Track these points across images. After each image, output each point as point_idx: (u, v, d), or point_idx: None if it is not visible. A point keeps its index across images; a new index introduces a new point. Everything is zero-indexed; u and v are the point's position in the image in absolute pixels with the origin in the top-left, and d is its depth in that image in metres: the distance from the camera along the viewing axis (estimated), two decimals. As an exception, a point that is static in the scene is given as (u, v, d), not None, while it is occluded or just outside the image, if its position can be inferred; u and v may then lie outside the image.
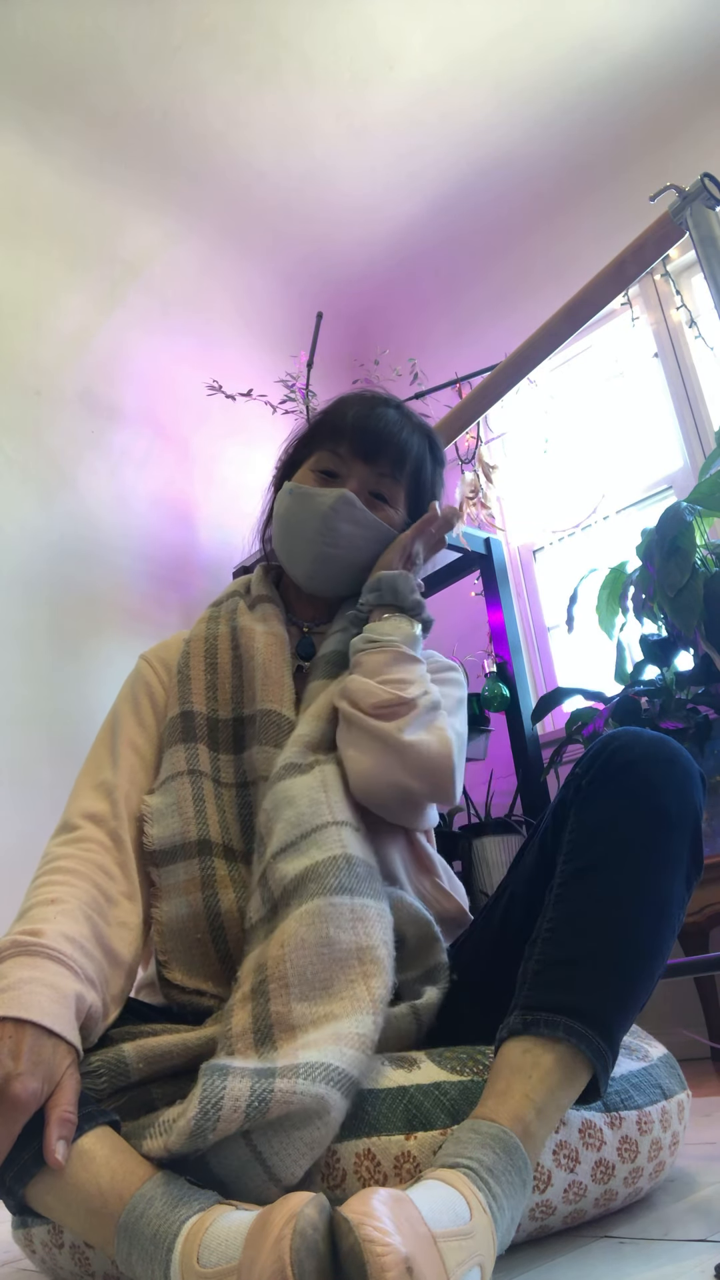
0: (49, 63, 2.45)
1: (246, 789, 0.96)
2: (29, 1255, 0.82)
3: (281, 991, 0.73)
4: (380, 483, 1.06)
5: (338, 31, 2.47)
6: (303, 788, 0.88)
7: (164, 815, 0.93)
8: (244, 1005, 0.74)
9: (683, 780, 0.79)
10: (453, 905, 0.99)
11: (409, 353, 3.07)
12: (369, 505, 1.05)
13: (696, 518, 1.92)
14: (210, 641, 1.06)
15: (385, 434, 1.05)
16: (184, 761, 0.96)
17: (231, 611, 1.09)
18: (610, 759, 0.80)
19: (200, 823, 0.92)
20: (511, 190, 3.00)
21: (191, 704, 1.00)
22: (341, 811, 0.87)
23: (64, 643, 2.29)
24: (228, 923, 0.88)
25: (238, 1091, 0.64)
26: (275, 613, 1.08)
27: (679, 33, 2.54)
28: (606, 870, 0.75)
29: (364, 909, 0.79)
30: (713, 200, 1.27)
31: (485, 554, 2.55)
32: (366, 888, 0.81)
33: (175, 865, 0.91)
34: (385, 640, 0.97)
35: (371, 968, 0.76)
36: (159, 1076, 0.76)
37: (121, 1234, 0.62)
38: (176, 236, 2.96)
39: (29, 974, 0.71)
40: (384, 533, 1.05)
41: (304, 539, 1.05)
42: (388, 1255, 0.49)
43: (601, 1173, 0.75)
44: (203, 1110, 0.63)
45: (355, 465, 1.05)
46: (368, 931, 0.77)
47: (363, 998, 0.73)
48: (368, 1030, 0.71)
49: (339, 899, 0.78)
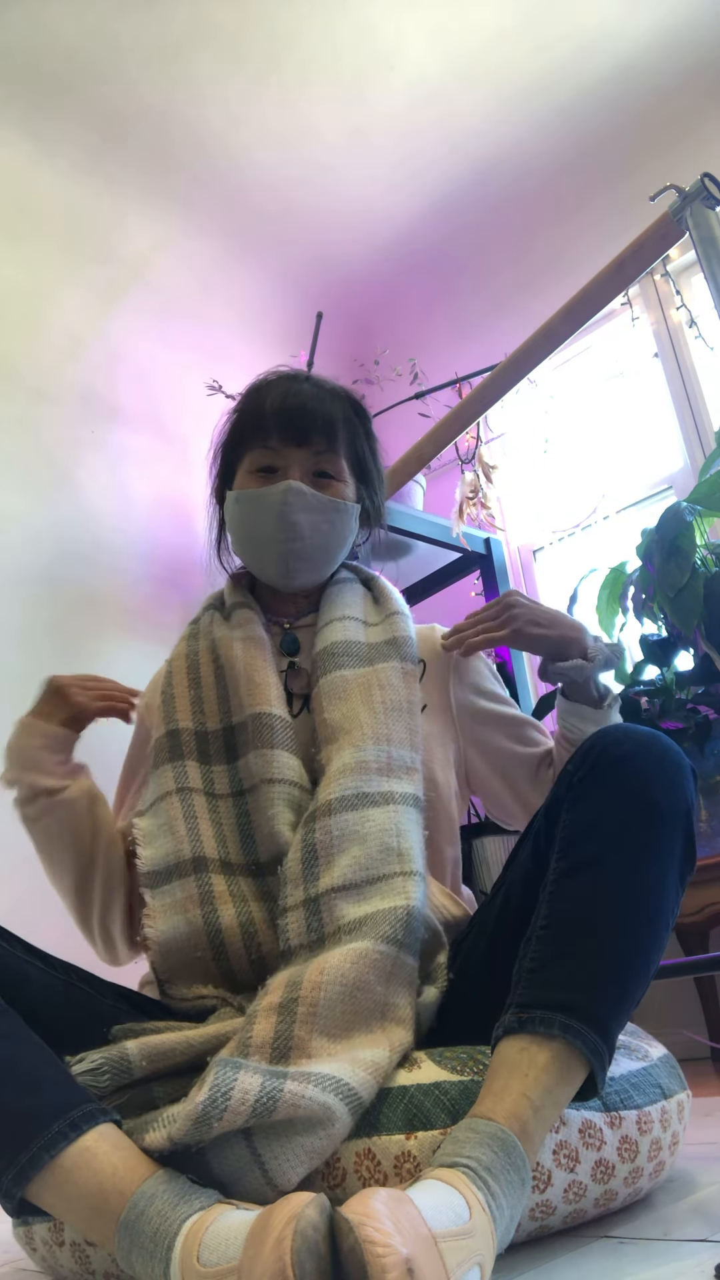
0: (49, 63, 2.45)
1: (243, 797, 0.96)
2: (30, 1253, 0.82)
3: (309, 1018, 0.73)
4: (320, 461, 1.05)
5: (338, 32, 2.47)
6: (375, 827, 0.87)
7: (155, 836, 0.93)
8: (268, 1016, 0.74)
9: (673, 774, 0.79)
10: (459, 911, 0.99)
11: (409, 353, 3.07)
12: (317, 487, 1.04)
13: (696, 518, 1.92)
14: (191, 658, 1.06)
15: (309, 412, 1.04)
16: (172, 780, 0.96)
17: (208, 625, 1.09)
18: (601, 755, 0.80)
19: (194, 840, 0.92)
20: (511, 190, 3.00)
21: (177, 721, 1.00)
22: (410, 861, 0.87)
23: (64, 643, 2.29)
24: (228, 938, 0.87)
25: (248, 1085, 0.64)
26: (252, 616, 1.07)
27: (679, 33, 2.54)
28: (599, 866, 0.75)
29: (402, 967, 0.80)
30: (713, 200, 1.27)
31: (485, 554, 2.55)
32: (414, 941, 0.82)
33: (171, 885, 0.90)
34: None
35: (394, 1025, 0.77)
36: (161, 1074, 0.76)
37: (122, 1231, 0.62)
38: (176, 236, 2.96)
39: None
40: (342, 508, 1.05)
41: (267, 542, 1.04)
42: (388, 1255, 0.49)
43: (601, 1173, 0.75)
44: (211, 1098, 0.63)
45: (290, 453, 1.04)
46: (398, 990, 0.79)
47: (381, 1040, 0.75)
48: (382, 1061, 0.72)
49: (386, 948, 0.79)
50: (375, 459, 1.13)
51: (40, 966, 0.84)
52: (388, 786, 0.91)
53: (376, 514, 1.14)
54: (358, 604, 1.09)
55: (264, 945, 0.86)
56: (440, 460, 2.45)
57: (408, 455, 1.84)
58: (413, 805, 0.91)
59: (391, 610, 1.09)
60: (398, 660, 1.02)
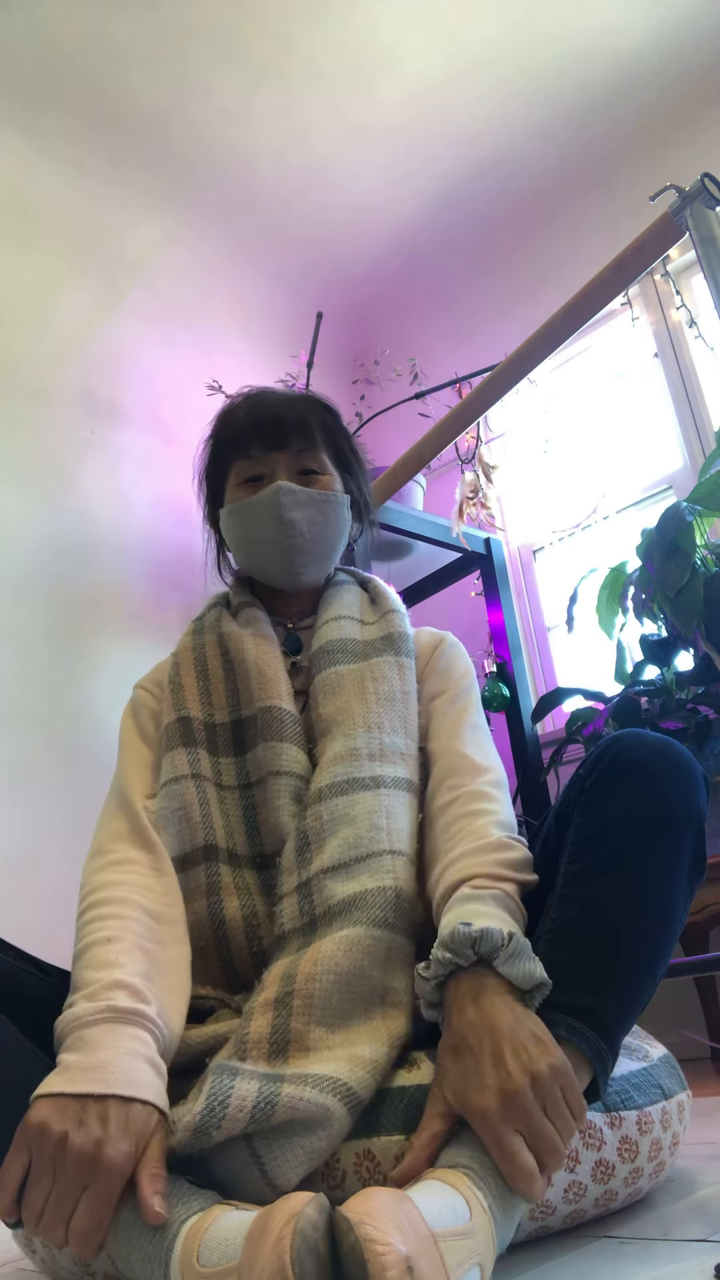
0: (49, 63, 2.45)
1: (250, 790, 0.96)
2: (29, 1255, 0.82)
3: (305, 1010, 0.73)
4: (303, 459, 1.07)
5: (338, 31, 2.47)
6: (364, 809, 0.87)
7: (171, 821, 0.92)
8: (265, 1012, 0.74)
9: (687, 782, 0.79)
10: None
11: (409, 353, 3.07)
12: (305, 484, 1.06)
13: (696, 518, 1.92)
14: (198, 651, 1.06)
15: (283, 416, 1.06)
16: (186, 765, 0.95)
17: (215, 621, 1.09)
18: (615, 760, 0.80)
19: (207, 828, 0.92)
20: (511, 190, 3.00)
21: (187, 709, 1.00)
22: (400, 841, 0.86)
23: (64, 643, 2.29)
24: (231, 930, 0.88)
25: (245, 1092, 0.64)
26: (260, 615, 1.08)
27: (678, 33, 2.54)
28: (610, 871, 0.75)
29: (398, 949, 0.80)
30: (713, 200, 1.27)
31: (485, 554, 2.55)
32: (406, 924, 0.82)
33: (184, 874, 0.90)
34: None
35: (393, 1010, 0.77)
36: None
37: (122, 1233, 0.62)
38: (176, 236, 2.96)
39: (113, 1042, 0.69)
40: (334, 499, 1.07)
41: (268, 544, 1.06)
42: (388, 1255, 0.49)
43: (601, 1173, 0.75)
44: (209, 1108, 0.63)
45: (273, 458, 1.06)
46: (395, 974, 0.79)
47: (380, 1031, 0.74)
48: (380, 1057, 0.72)
49: (379, 933, 0.78)
50: (355, 452, 1.14)
51: (35, 974, 0.84)
52: (379, 771, 0.91)
53: (366, 503, 1.15)
54: (354, 604, 1.10)
55: (265, 939, 0.87)
56: (440, 460, 2.46)
57: (408, 455, 1.84)
58: (405, 789, 0.91)
59: (387, 609, 1.10)
60: (392, 655, 1.03)
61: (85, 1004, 0.72)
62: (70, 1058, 0.68)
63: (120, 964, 0.76)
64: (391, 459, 2.08)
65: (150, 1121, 0.66)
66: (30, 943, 0.90)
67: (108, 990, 0.73)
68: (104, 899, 0.84)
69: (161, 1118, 0.67)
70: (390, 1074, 0.74)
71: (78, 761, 2.15)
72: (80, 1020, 0.71)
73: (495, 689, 2.43)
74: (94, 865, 0.89)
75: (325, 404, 1.13)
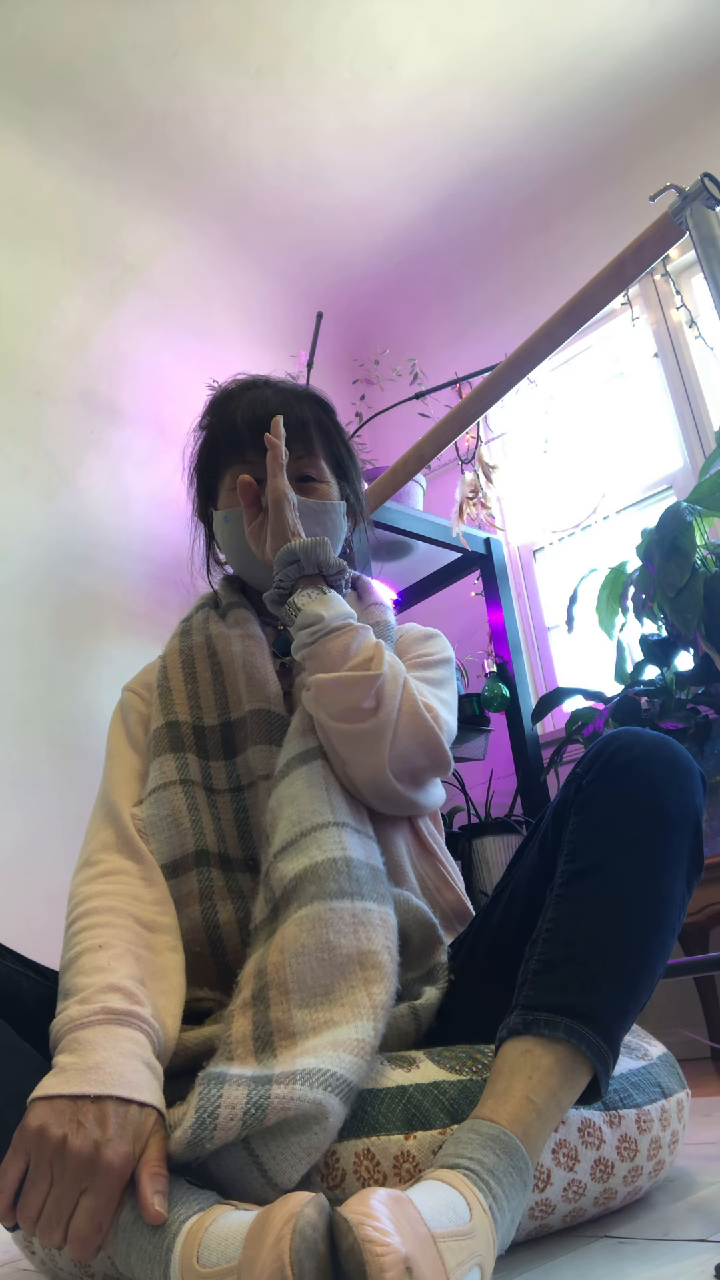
0: (49, 63, 2.45)
1: (242, 793, 0.96)
2: (28, 1255, 0.82)
3: (281, 998, 0.73)
4: (299, 466, 1.06)
5: (338, 31, 2.47)
6: (304, 785, 0.87)
7: (160, 828, 0.92)
8: (244, 1012, 0.74)
9: (684, 780, 0.79)
10: (453, 895, 0.99)
11: (409, 353, 3.07)
12: (302, 492, 1.05)
13: (696, 518, 1.92)
14: (186, 654, 1.05)
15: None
16: (175, 770, 0.95)
17: (204, 623, 1.08)
18: (612, 758, 0.80)
19: (197, 833, 0.92)
20: (512, 190, 3.00)
21: (175, 714, 0.99)
22: (342, 812, 0.86)
23: (64, 643, 2.29)
24: (226, 934, 0.88)
25: (234, 1099, 0.64)
26: (249, 616, 1.08)
27: (679, 33, 2.54)
28: (607, 870, 0.75)
29: (366, 913, 0.79)
30: (713, 200, 1.26)
31: (485, 554, 2.55)
32: (370, 890, 0.81)
33: (175, 880, 0.90)
34: (331, 625, 0.94)
35: (373, 973, 0.75)
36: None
37: (121, 1233, 0.62)
38: (176, 236, 2.96)
39: (109, 1043, 0.69)
40: (330, 509, 1.06)
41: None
42: (387, 1255, 0.49)
43: (601, 1171, 0.75)
44: (199, 1120, 0.63)
45: None
46: (369, 936, 0.77)
47: (363, 1004, 0.73)
48: (367, 1036, 0.71)
49: (339, 903, 0.78)
50: (349, 452, 1.13)
51: (32, 976, 0.84)
52: (314, 742, 0.91)
53: (361, 507, 1.15)
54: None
55: None
56: (440, 460, 2.46)
57: (408, 455, 1.84)
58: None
59: (370, 602, 1.11)
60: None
61: (79, 1007, 0.72)
62: (66, 1059, 0.68)
63: (112, 969, 0.76)
64: (391, 459, 2.09)
65: (148, 1122, 0.66)
66: (29, 943, 0.91)
67: (101, 994, 0.73)
68: (93, 909, 0.84)
69: (160, 1118, 0.67)
70: (390, 1074, 0.74)
71: (78, 761, 2.15)
72: (75, 1022, 0.70)
73: (495, 689, 2.43)
74: (83, 876, 0.88)
75: (322, 401, 1.12)
